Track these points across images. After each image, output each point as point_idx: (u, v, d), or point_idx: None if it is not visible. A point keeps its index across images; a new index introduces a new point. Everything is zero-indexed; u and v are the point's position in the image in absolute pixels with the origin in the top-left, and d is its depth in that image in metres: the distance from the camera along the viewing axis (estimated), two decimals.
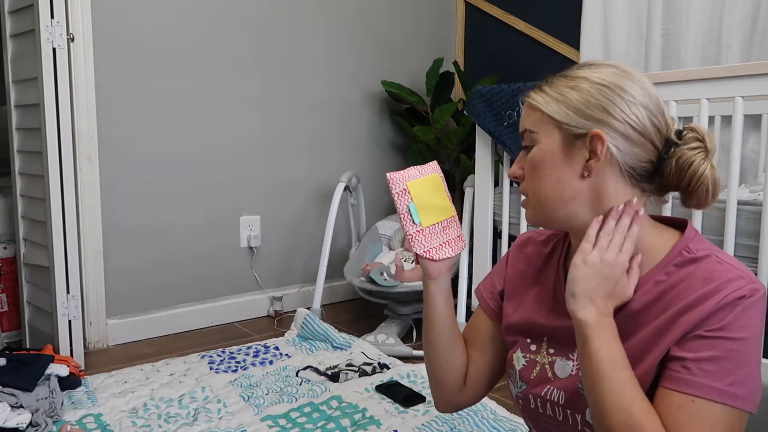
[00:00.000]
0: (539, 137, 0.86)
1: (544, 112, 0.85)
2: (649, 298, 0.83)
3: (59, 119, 2.00)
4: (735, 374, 0.74)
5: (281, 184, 2.84)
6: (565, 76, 0.87)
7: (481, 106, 2.18)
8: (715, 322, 0.75)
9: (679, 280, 0.80)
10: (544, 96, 0.86)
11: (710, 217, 1.77)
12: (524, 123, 0.90)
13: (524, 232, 1.09)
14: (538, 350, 0.95)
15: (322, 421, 1.69)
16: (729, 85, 1.68)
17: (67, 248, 2.05)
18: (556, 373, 0.91)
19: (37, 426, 1.59)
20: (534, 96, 0.88)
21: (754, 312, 0.75)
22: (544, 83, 0.88)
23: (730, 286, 0.75)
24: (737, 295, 0.75)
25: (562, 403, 0.89)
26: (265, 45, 2.72)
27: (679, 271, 0.81)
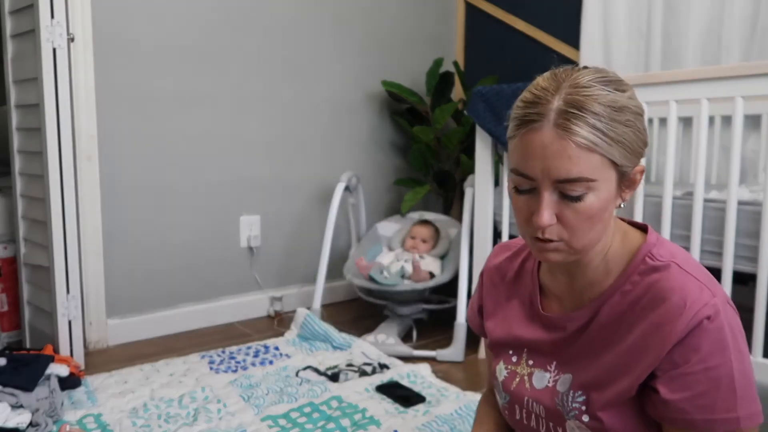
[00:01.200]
0: (598, 186, 0.76)
1: (606, 157, 0.75)
2: (617, 310, 0.82)
3: (59, 119, 2.00)
4: (731, 398, 0.74)
5: (281, 184, 2.84)
6: (610, 106, 0.74)
7: (481, 106, 2.18)
8: (692, 353, 0.74)
9: (644, 290, 0.80)
10: (602, 137, 0.74)
11: (710, 218, 1.77)
12: (575, 169, 0.74)
13: (497, 245, 1.08)
14: (518, 361, 0.94)
15: (322, 421, 1.69)
16: (729, 85, 1.68)
17: (67, 248, 2.05)
18: (534, 384, 0.90)
19: (37, 426, 1.59)
20: (588, 136, 0.73)
21: (724, 330, 0.74)
22: (583, 111, 0.73)
23: (695, 304, 0.74)
24: (704, 314, 0.74)
25: (544, 416, 0.89)
26: (265, 45, 2.72)
27: (644, 280, 0.80)
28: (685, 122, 2.48)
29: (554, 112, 0.75)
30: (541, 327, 0.92)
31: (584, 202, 0.76)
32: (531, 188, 0.79)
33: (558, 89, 0.76)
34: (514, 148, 0.80)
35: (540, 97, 0.77)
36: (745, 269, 1.71)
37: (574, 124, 0.73)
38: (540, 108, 0.76)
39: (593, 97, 0.74)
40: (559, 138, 0.74)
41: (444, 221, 2.84)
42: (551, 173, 0.75)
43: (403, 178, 3.13)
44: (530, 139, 0.76)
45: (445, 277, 2.47)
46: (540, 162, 0.76)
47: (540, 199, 0.77)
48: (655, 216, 1.88)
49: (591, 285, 0.86)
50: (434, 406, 1.77)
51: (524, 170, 0.78)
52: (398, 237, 2.80)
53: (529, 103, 0.78)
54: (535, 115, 0.76)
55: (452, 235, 2.75)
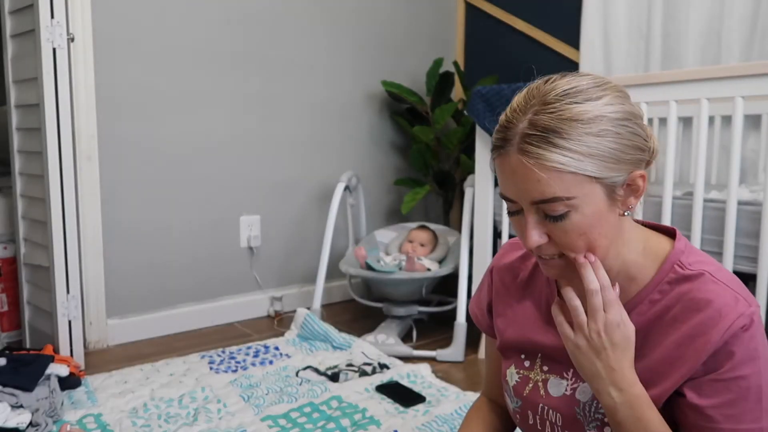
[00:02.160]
0: (579, 202, 0.73)
1: (579, 174, 0.72)
2: (645, 319, 0.80)
3: (59, 119, 2.00)
4: (757, 408, 0.73)
5: (281, 184, 2.84)
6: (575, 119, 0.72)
7: (481, 106, 2.18)
8: (725, 361, 0.73)
9: (674, 300, 0.78)
10: (568, 154, 0.72)
11: (710, 218, 1.77)
12: (548, 190, 0.73)
13: (506, 242, 1.05)
14: (531, 367, 0.92)
15: (322, 421, 1.69)
16: (729, 85, 1.68)
17: (67, 248, 2.05)
18: (549, 391, 0.88)
19: (37, 426, 1.59)
20: (552, 157, 0.72)
21: (757, 340, 0.74)
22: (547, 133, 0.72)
23: (730, 314, 0.73)
24: (739, 324, 0.73)
25: (560, 424, 0.87)
26: (265, 45, 2.72)
27: (674, 290, 0.78)
28: (685, 122, 2.48)
29: (518, 136, 0.74)
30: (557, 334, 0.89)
31: (569, 220, 0.75)
32: (517, 210, 0.79)
33: (526, 110, 0.75)
34: (496, 172, 0.80)
35: (509, 121, 0.77)
36: (745, 269, 1.71)
37: (536, 146, 0.72)
38: (507, 133, 0.76)
39: (557, 114, 0.73)
40: (522, 163, 0.73)
41: (443, 230, 2.84)
42: (525, 196, 0.75)
43: (403, 178, 3.13)
44: (500, 164, 0.77)
45: (442, 271, 2.47)
46: (513, 186, 0.76)
47: (524, 220, 0.77)
48: (655, 216, 1.88)
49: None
50: (434, 406, 1.77)
51: (504, 193, 0.78)
52: (395, 243, 2.80)
53: (501, 128, 0.78)
54: (502, 141, 0.76)
55: (451, 242, 2.75)
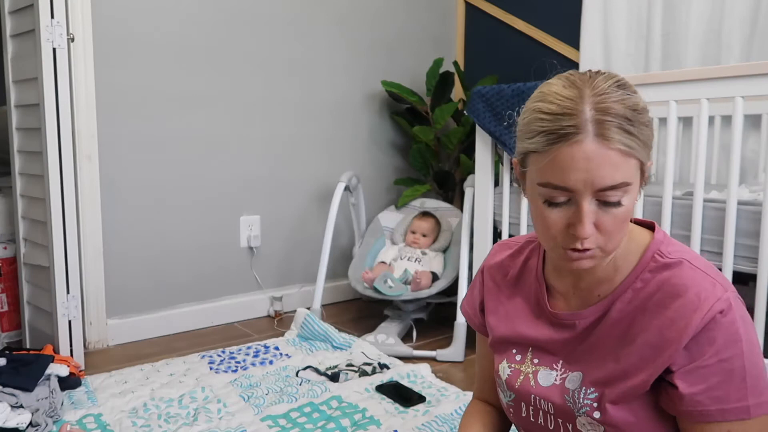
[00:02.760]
0: (632, 189, 0.78)
1: (638, 160, 0.77)
2: (630, 307, 0.83)
3: (59, 119, 2.00)
4: (742, 387, 0.76)
5: (281, 184, 2.84)
6: (634, 109, 0.76)
7: (481, 106, 2.18)
8: (708, 347, 0.76)
9: (656, 287, 0.81)
10: (636, 141, 0.76)
11: (710, 218, 1.77)
12: (619, 175, 0.75)
13: (496, 243, 1.08)
14: (522, 360, 0.95)
15: (322, 421, 1.69)
16: (729, 85, 1.68)
17: (67, 248, 2.05)
18: (539, 382, 0.91)
19: (37, 426, 1.59)
20: (628, 142, 0.75)
21: (736, 322, 0.77)
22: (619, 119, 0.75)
23: (709, 298, 0.77)
24: (717, 308, 0.76)
25: (553, 413, 0.89)
26: (265, 45, 2.72)
27: (655, 277, 0.82)
28: (685, 122, 2.48)
29: (591, 122, 0.74)
30: (548, 325, 0.92)
31: (622, 206, 0.78)
32: (565, 200, 0.78)
33: (582, 97, 0.76)
34: (548, 162, 0.77)
35: (569, 108, 0.75)
36: (745, 269, 1.71)
37: (613, 132, 0.74)
38: (574, 120, 0.75)
39: (622, 102, 0.76)
40: (602, 147, 0.74)
41: (445, 210, 2.83)
42: (595, 183, 0.75)
43: (403, 178, 3.13)
44: (571, 152, 0.75)
45: (443, 283, 2.46)
46: (583, 173, 0.75)
47: (580, 210, 0.77)
48: (655, 216, 1.88)
49: (599, 283, 0.87)
50: (434, 406, 1.77)
51: (563, 183, 0.76)
52: (400, 228, 2.79)
53: (558, 116, 0.76)
54: (572, 128, 0.75)
55: (453, 225, 2.75)
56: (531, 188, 0.82)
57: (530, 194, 0.83)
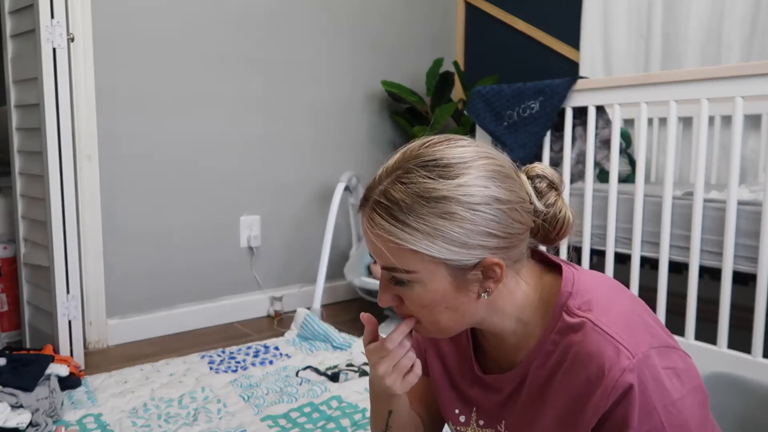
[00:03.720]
0: (421, 277, 0.73)
1: (419, 252, 0.71)
2: (543, 373, 0.78)
3: (59, 119, 2.00)
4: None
5: (281, 184, 2.84)
6: (421, 196, 0.70)
7: (481, 106, 2.18)
8: (623, 425, 0.69)
9: (563, 353, 0.75)
10: (408, 232, 0.70)
11: (710, 218, 1.77)
12: (389, 260, 0.73)
13: None
14: (467, 422, 0.90)
15: (322, 421, 1.69)
16: (729, 85, 1.68)
17: (67, 248, 2.05)
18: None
19: (37, 426, 1.59)
20: (393, 231, 0.71)
21: (648, 392, 0.69)
22: (393, 205, 0.71)
23: (612, 370, 0.69)
24: (624, 383, 0.68)
25: None
26: (265, 45, 2.72)
27: (563, 340, 0.75)
28: (685, 122, 2.48)
29: (371, 200, 0.74)
30: (478, 386, 0.88)
31: (411, 289, 0.75)
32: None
33: (390, 173, 0.74)
34: None
35: (375, 181, 0.75)
36: (745, 269, 1.71)
37: (380, 217, 0.72)
38: (368, 192, 0.75)
39: (407, 187, 0.71)
40: (369, 229, 0.74)
41: None
42: (376, 258, 0.76)
43: None
44: (361, 220, 0.77)
45: None
46: (368, 245, 0.76)
47: (382, 279, 0.78)
48: (655, 216, 1.88)
49: (517, 348, 0.82)
50: None
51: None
52: None
53: (369, 185, 0.77)
54: (363, 199, 0.76)
55: None
56: None
57: None
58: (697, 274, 1.78)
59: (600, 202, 2.01)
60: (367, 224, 0.74)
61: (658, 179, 2.50)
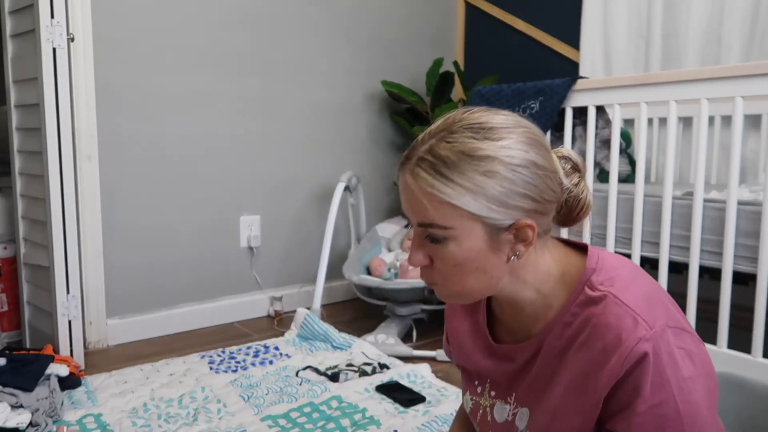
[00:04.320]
0: (457, 233, 0.75)
1: (459, 207, 0.74)
2: (559, 344, 0.80)
3: (59, 119, 2.00)
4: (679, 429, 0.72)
5: (281, 184, 2.84)
6: (467, 154, 0.74)
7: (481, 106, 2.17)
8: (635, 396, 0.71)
9: (583, 324, 0.77)
10: (451, 186, 0.73)
11: (710, 218, 1.77)
12: (428, 215, 0.75)
13: None
14: (482, 392, 0.93)
15: (322, 421, 1.69)
16: (729, 85, 1.68)
17: (67, 248, 2.05)
18: (495, 417, 0.89)
19: (37, 426, 1.59)
20: (435, 185, 0.74)
21: (662, 363, 0.71)
22: (439, 161, 0.74)
23: (629, 339, 0.71)
24: (639, 351, 0.70)
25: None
26: (265, 45, 2.72)
27: (583, 312, 0.77)
28: (685, 122, 2.48)
29: (415, 158, 0.76)
30: (492, 356, 0.90)
31: (446, 246, 0.76)
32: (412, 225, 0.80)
33: (432, 136, 0.77)
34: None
35: (417, 142, 0.78)
36: (745, 269, 1.71)
37: (423, 170, 0.75)
38: (410, 152, 0.78)
39: (453, 145, 0.74)
40: (412, 183, 0.76)
41: None
42: (412, 215, 0.78)
43: None
44: (400, 179, 0.79)
45: None
46: (405, 204, 0.79)
47: (414, 238, 0.80)
48: (655, 216, 1.88)
49: (535, 319, 0.84)
50: (434, 406, 1.77)
51: (402, 209, 0.80)
52: (397, 238, 2.80)
53: (409, 148, 0.80)
54: (405, 159, 0.78)
55: None
56: None
57: None
58: (697, 274, 1.78)
59: (600, 202, 2.01)
60: (409, 179, 0.76)
61: (658, 179, 2.50)
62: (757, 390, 0.97)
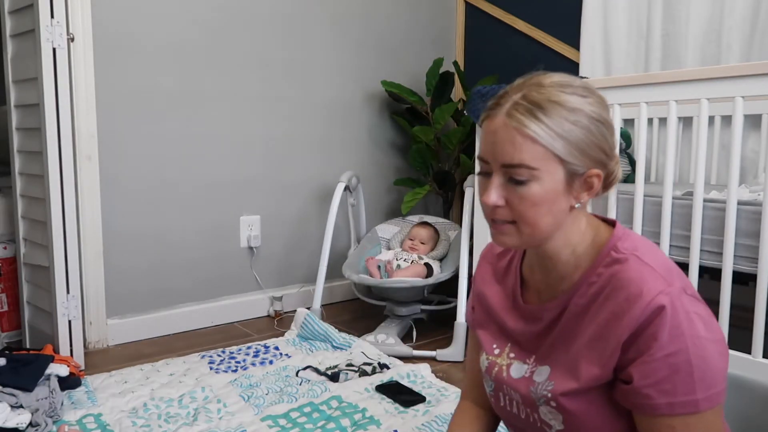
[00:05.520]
0: (541, 174, 0.82)
1: (549, 149, 0.81)
2: (584, 301, 0.87)
3: (59, 119, 2.00)
4: (689, 381, 0.77)
5: (281, 184, 2.84)
6: (559, 103, 0.82)
7: (480, 105, 2.17)
8: (651, 343, 0.78)
9: (606, 281, 0.85)
10: (545, 129, 0.81)
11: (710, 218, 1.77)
12: (518, 155, 0.81)
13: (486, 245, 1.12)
14: (501, 353, 0.99)
15: (322, 421, 1.69)
16: (729, 85, 1.68)
17: (67, 248, 2.05)
18: (511, 374, 0.95)
19: (37, 426, 1.59)
20: (531, 126, 0.81)
21: (679, 317, 0.78)
22: (534, 106, 0.81)
23: (650, 291, 0.79)
24: (658, 302, 0.78)
25: (521, 402, 0.94)
26: (265, 45, 2.72)
27: (607, 272, 0.85)
28: (685, 122, 2.48)
29: (509, 103, 0.83)
30: (521, 318, 0.97)
31: (528, 188, 0.82)
32: (487, 171, 0.87)
33: (522, 87, 0.85)
34: (480, 134, 0.89)
35: (506, 92, 0.86)
36: (745, 269, 1.71)
37: (522, 114, 0.81)
38: (500, 100, 0.85)
39: (547, 95, 0.82)
40: (506, 126, 0.82)
41: (444, 224, 2.84)
42: (498, 157, 0.83)
43: (402, 178, 3.13)
44: (487, 125, 0.86)
45: (443, 276, 2.47)
46: (491, 147, 0.84)
47: (491, 181, 0.85)
48: (655, 216, 1.88)
49: (562, 278, 0.91)
50: (434, 406, 1.77)
51: (481, 154, 0.87)
52: (397, 239, 2.80)
53: (496, 97, 0.87)
54: (495, 105, 0.85)
55: (452, 237, 2.76)
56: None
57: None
58: (697, 274, 1.78)
59: (600, 202, 2.01)
60: (503, 121, 0.83)
61: (658, 179, 2.50)
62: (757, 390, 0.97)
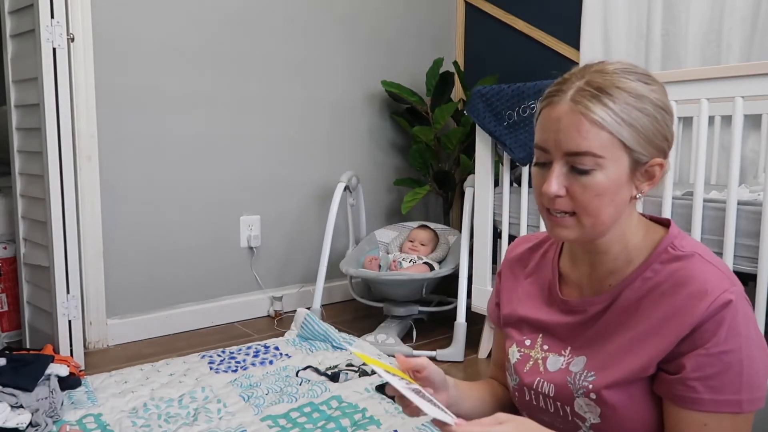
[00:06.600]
0: (607, 163, 0.79)
1: (615, 136, 0.78)
2: (637, 295, 0.85)
3: (59, 119, 2.00)
4: (737, 381, 0.77)
5: (281, 184, 2.84)
6: (625, 90, 0.79)
7: (481, 106, 2.17)
8: (711, 337, 0.77)
9: (664, 277, 0.83)
10: (613, 116, 0.78)
11: (710, 218, 1.77)
12: (584, 143, 0.78)
13: (517, 238, 1.11)
14: (532, 345, 0.98)
15: (322, 421, 1.69)
16: (729, 85, 1.68)
17: (67, 248, 2.05)
18: (548, 368, 0.94)
19: (37, 426, 1.59)
20: (598, 112, 0.78)
21: (739, 317, 0.77)
22: (600, 92, 0.78)
23: (716, 290, 0.77)
24: (723, 299, 0.77)
25: (552, 395, 0.92)
26: (265, 45, 2.72)
27: (665, 268, 0.84)
28: (685, 122, 2.48)
29: (574, 89, 0.81)
30: (559, 311, 0.95)
31: (592, 177, 0.80)
32: (546, 161, 0.83)
33: (584, 74, 0.82)
34: (537, 123, 0.85)
35: (566, 79, 0.83)
36: (745, 269, 1.71)
37: (588, 100, 0.78)
38: (563, 86, 0.82)
39: (612, 80, 0.80)
40: (571, 111, 0.79)
41: (444, 228, 2.85)
42: (562, 145, 0.80)
43: (403, 178, 3.13)
44: (548, 112, 0.82)
45: (442, 272, 2.47)
46: (554, 134, 0.81)
47: (551, 170, 0.82)
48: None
49: (612, 273, 0.89)
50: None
51: (541, 143, 0.83)
52: (396, 243, 2.81)
53: (557, 83, 0.84)
54: (557, 92, 0.82)
55: (451, 241, 2.76)
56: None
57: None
58: None
59: None
60: (568, 108, 0.80)
61: None
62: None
